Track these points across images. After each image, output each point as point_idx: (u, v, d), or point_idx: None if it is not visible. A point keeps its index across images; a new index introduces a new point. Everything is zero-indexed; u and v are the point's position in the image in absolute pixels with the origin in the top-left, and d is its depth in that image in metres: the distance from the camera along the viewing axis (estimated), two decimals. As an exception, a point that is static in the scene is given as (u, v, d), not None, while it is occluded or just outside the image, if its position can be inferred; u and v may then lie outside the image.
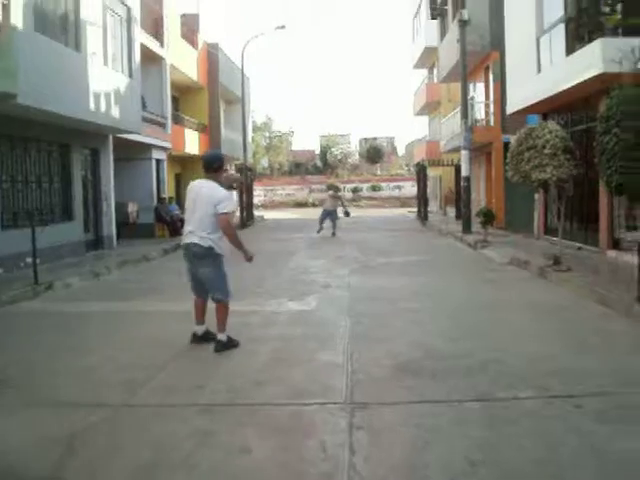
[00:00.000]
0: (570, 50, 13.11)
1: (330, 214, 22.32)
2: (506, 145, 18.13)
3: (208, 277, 6.40)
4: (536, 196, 17.09)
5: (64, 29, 14.01)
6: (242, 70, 32.56)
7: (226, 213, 6.27)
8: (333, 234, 22.02)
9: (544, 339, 6.76)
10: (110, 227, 18.27)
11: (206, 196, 6.32)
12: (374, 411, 4.65)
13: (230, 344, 6.42)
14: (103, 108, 15.43)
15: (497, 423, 4.35)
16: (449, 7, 25.90)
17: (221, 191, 6.35)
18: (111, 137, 18.21)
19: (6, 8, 11.03)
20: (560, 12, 13.90)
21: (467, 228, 19.72)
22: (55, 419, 4.66)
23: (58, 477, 3.73)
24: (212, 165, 6.52)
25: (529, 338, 6.83)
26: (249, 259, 6.53)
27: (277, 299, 9.54)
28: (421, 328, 7.41)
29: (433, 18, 29.13)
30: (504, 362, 5.80)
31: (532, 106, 15.55)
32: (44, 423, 4.59)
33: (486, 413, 4.58)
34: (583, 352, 6.17)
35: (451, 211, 30.72)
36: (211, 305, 6.63)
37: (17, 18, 11.43)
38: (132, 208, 21.11)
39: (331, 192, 23.58)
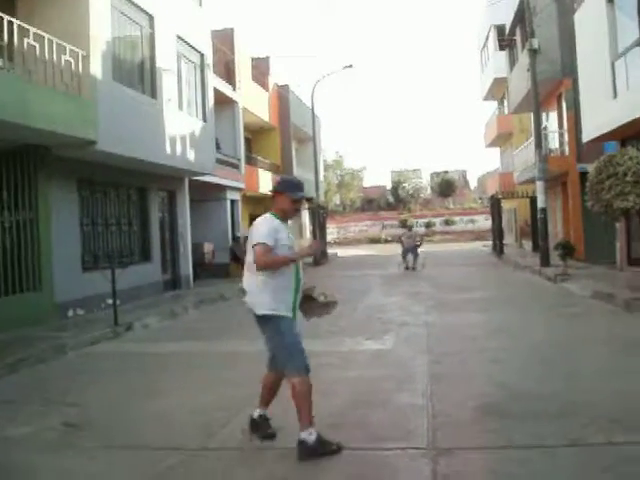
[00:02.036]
0: (648, 73, 12.70)
1: (410, 251, 23.12)
2: (582, 174, 17.62)
3: (272, 346, 4.80)
4: (617, 225, 16.45)
5: (141, 77, 14.53)
6: (312, 109, 32.98)
7: (259, 245, 4.61)
8: (414, 268, 22.66)
9: (636, 378, 6.36)
10: (187, 267, 18.59)
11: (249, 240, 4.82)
12: (459, 457, 4.42)
13: (322, 449, 4.53)
14: (179, 152, 15.84)
15: (593, 471, 4.06)
16: (517, 37, 25.62)
17: (262, 220, 4.80)
18: (187, 179, 18.64)
19: (86, 59, 11.51)
20: (635, 35, 13.50)
21: (545, 261, 19.13)
22: (132, 463, 4.64)
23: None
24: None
25: (619, 376, 6.45)
26: (313, 251, 5.14)
27: (353, 338, 9.40)
28: (503, 367, 7.12)
29: (502, 49, 28.94)
30: (595, 403, 5.47)
31: (609, 133, 15.07)
32: (119, 467, 4.58)
33: (580, 460, 4.29)
34: (681, 392, 5.77)
35: (527, 244, 29.93)
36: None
37: (96, 68, 11.93)
38: (208, 248, 21.46)
39: (406, 231, 24.48)
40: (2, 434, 5.47)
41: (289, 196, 4.82)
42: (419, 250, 23.49)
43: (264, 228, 4.67)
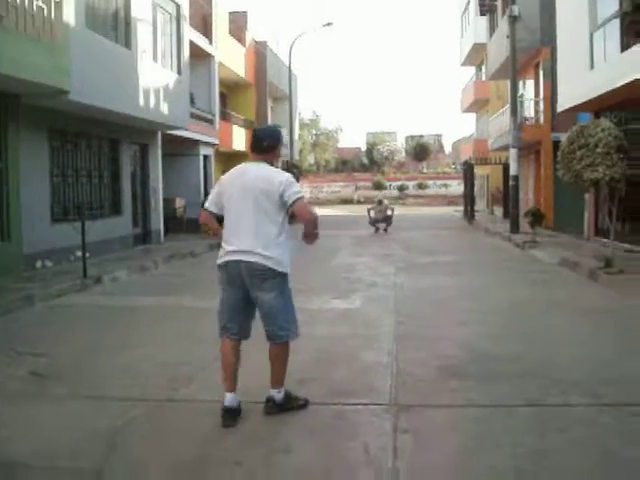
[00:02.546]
0: (625, 46, 12.75)
1: (380, 220, 23.32)
2: (556, 144, 17.77)
3: (272, 306, 4.46)
4: (586, 196, 16.69)
5: (115, 26, 14.22)
6: (289, 67, 32.63)
7: (302, 198, 4.43)
8: (385, 230, 22.93)
9: (595, 344, 6.57)
10: (158, 222, 18.50)
11: (259, 185, 4.39)
12: (419, 414, 4.56)
13: (288, 404, 4.61)
14: (152, 104, 15.61)
15: (548, 430, 4.21)
16: (499, 3, 25.50)
17: (280, 172, 4.55)
18: (160, 133, 18.43)
19: (59, 6, 11.21)
20: (615, 7, 13.51)
21: (515, 228, 19.40)
22: (98, 412, 4.69)
23: (101, 471, 3.75)
24: (261, 143, 4.57)
25: (579, 342, 6.64)
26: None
27: (321, 297, 9.50)
28: (468, 329, 7.28)
29: (482, 14, 28.77)
30: (554, 367, 5.64)
31: (584, 104, 15.17)
32: (87, 416, 4.63)
33: (536, 419, 4.45)
34: (636, 358, 5.96)
35: (498, 210, 30.28)
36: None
37: (69, 15, 11.64)
38: (179, 203, 21.34)
39: (376, 205, 24.25)
40: (-32, 381, 5.47)
41: (280, 149, 4.72)
42: (393, 217, 23.63)
43: (294, 180, 4.52)
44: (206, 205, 4.71)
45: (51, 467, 3.83)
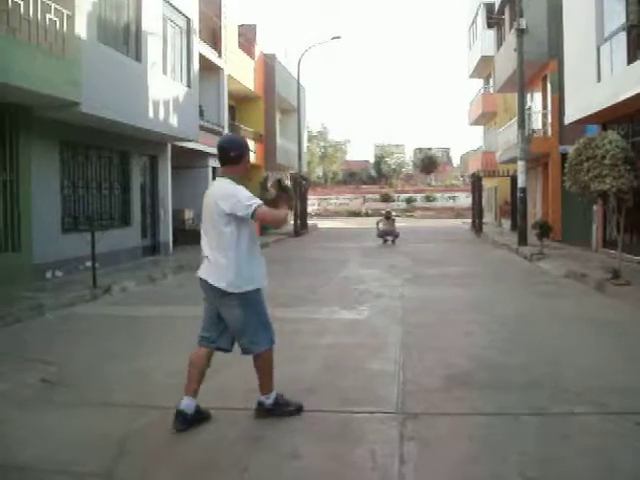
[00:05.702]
0: (632, 59, 12.81)
1: (388, 234, 23.63)
2: (563, 156, 17.79)
3: (237, 321, 4.50)
4: (594, 208, 16.69)
5: (126, 40, 14.40)
6: (298, 80, 32.81)
7: (259, 206, 4.26)
8: (393, 242, 23.16)
9: (601, 354, 6.58)
10: (167, 233, 18.60)
11: (212, 204, 4.39)
12: (425, 422, 4.60)
13: (280, 409, 4.68)
14: (162, 117, 15.75)
15: (553, 438, 4.24)
16: (506, 16, 25.60)
17: (229, 188, 4.36)
18: (169, 145, 18.56)
19: (71, 19, 11.39)
20: (622, 20, 13.60)
21: (523, 240, 19.39)
22: (108, 419, 4.75)
23: (111, 476, 3.80)
24: (228, 154, 4.47)
25: (585, 353, 6.66)
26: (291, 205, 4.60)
27: (329, 307, 9.55)
28: (474, 340, 7.30)
29: (490, 27, 28.93)
30: (559, 377, 5.66)
31: (591, 116, 15.23)
32: (97, 422, 4.68)
33: (541, 428, 4.48)
34: (643, 368, 5.98)
35: (506, 223, 30.25)
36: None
37: (81, 29, 11.81)
38: (188, 215, 21.45)
39: (383, 219, 24.51)
40: (-21, 388, 5.54)
41: (248, 157, 4.61)
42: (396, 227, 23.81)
43: (246, 192, 4.35)
44: None
45: (61, 471, 3.89)
